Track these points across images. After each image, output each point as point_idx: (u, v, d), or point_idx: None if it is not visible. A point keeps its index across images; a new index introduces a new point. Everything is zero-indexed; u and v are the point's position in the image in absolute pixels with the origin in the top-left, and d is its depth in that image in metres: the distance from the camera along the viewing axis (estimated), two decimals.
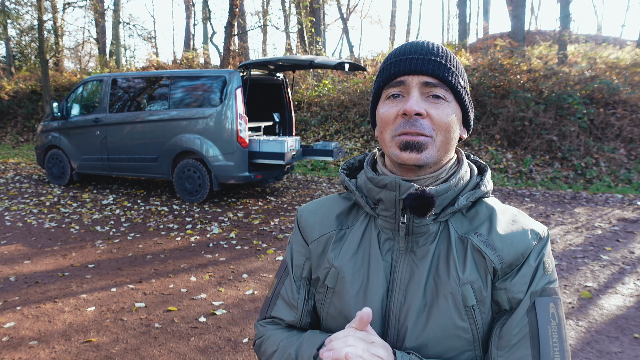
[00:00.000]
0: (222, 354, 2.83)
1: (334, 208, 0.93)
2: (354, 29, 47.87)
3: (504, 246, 0.79)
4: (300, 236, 0.95)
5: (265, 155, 6.53)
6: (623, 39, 18.00)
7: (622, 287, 3.80)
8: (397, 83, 0.80)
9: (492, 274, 0.79)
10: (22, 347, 2.89)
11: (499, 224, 0.81)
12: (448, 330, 0.78)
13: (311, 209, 0.96)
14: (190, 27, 23.92)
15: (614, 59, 10.78)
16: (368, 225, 0.88)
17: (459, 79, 0.81)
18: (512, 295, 0.78)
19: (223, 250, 4.77)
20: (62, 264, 4.38)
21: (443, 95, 0.79)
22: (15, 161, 10.97)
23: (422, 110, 0.77)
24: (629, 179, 7.95)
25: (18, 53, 20.35)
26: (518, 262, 0.79)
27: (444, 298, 0.79)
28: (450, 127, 0.80)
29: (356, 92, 11.49)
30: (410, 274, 0.82)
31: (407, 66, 0.79)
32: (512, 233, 0.80)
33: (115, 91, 7.43)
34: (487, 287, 0.79)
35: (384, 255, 0.84)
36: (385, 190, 0.82)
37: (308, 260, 0.92)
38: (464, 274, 0.79)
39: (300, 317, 0.91)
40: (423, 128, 0.78)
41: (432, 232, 0.82)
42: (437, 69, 0.79)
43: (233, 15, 12.89)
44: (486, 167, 0.90)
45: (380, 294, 0.82)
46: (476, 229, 0.82)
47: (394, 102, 0.81)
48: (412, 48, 0.82)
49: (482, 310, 0.79)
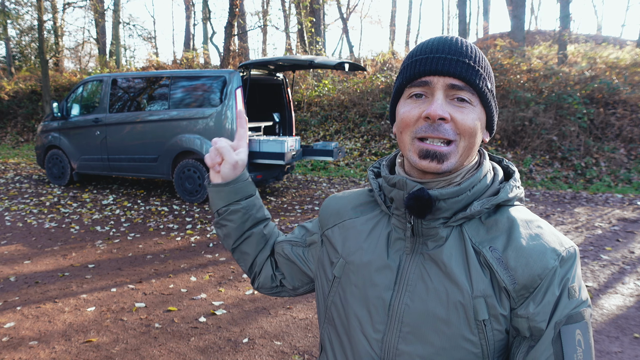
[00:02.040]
0: (222, 354, 2.83)
1: (354, 199, 0.95)
2: (354, 29, 47.91)
3: (518, 266, 0.73)
4: (318, 222, 1.00)
5: (265, 155, 6.53)
6: (623, 39, 18.00)
7: (622, 287, 3.80)
8: (421, 83, 0.76)
9: (507, 294, 0.74)
10: (22, 347, 2.89)
11: (516, 239, 0.75)
12: (455, 341, 0.75)
13: (337, 197, 0.99)
14: (190, 27, 23.93)
15: (614, 58, 10.78)
16: (381, 221, 0.87)
17: (487, 82, 0.77)
18: (534, 325, 0.73)
19: (223, 250, 4.77)
20: (62, 264, 4.38)
21: (469, 99, 0.75)
22: (15, 161, 10.97)
23: (447, 114, 0.73)
24: (629, 179, 7.95)
25: (18, 53, 20.35)
26: (535, 283, 0.73)
27: (454, 307, 0.75)
28: (475, 132, 0.76)
29: (356, 92, 11.49)
30: (419, 276, 0.79)
31: (434, 66, 0.74)
32: (529, 251, 0.74)
33: (115, 91, 7.42)
34: (501, 304, 0.74)
35: (393, 254, 0.83)
36: (395, 189, 0.81)
37: (315, 235, 0.99)
38: (478, 287, 0.74)
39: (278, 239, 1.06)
40: (446, 133, 0.74)
41: (442, 236, 0.79)
42: (464, 71, 0.74)
43: (233, 15, 12.90)
44: (514, 173, 0.84)
45: (384, 291, 0.81)
46: (491, 242, 0.77)
47: (417, 103, 0.77)
48: (439, 45, 0.76)
49: (495, 327, 0.74)
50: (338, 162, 9.63)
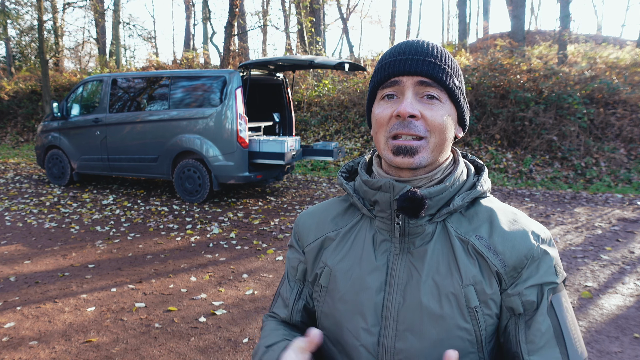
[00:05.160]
0: (222, 354, 2.83)
1: (330, 211, 0.95)
2: (354, 29, 47.90)
3: (506, 249, 0.79)
4: (296, 241, 0.98)
5: (265, 155, 6.53)
6: (623, 39, 18.00)
7: (622, 287, 3.80)
8: (392, 83, 0.80)
9: (497, 278, 0.79)
10: (22, 347, 2.89)
11: (499, 226, 0.81)
12: (451, 331, 0.78)
13: (309, 213, 0.98)
14: (190, 27, 23.93)
15: (614, 58, 10.78)
16: (363, 225, 0.89)
17: (454, 78, 0.81)
18: (526, 299, 0.79)
19: (223, 250, 4.77)
20: (62, 264, 4.38)
21: (437, 96, 0.79)
22: (15, 161, 10.97)
23: (416, 111, 0.77)
24: (629, 179, 7.95)
25: (18, 53, 20.36)
26: (522, 263, 0.79)
27: (446, 298, 0.78)
28: (445, 127, 0.79)
29: (356, 92, 11.49)
30: (409, 274, 0.82)
31: (402, 67, 0.79)
32: (513, 235, 0.80)
33: (115, 91, 7.42)
34: (491, 288, 0.79)
35: (380, 256, 0.84)
36: (380, 191, 0.82)
37: (302, 264, 0.95)
38: (467, 275, 0.79)
39: (291, 315, 0.96)
40: (417, 129, 0.77)
41: (428, 233, 0.82)
42: (431, 69, 0.78)
43: (233, 15, 12.90)
44: (483, 167, 0.90)
45: (375, 294, 0.82)
46: (476, 230, 0.82)
47: (389, 103, 0.81)
48: (406, 48, 0.81)
49: (485, 312, 0.79)
50: (338, 162, 9.63)
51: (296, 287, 0.96)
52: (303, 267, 0.95)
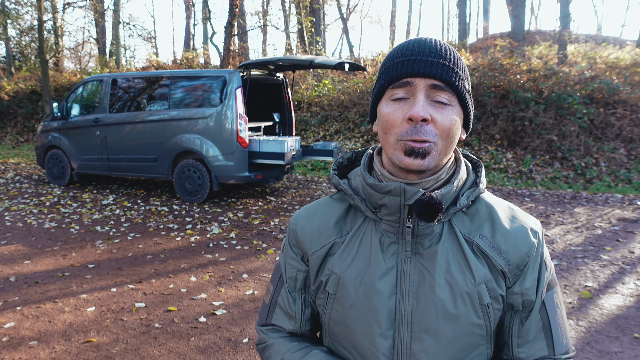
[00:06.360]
0: (222, 354, 2.83)
1: (329, 214, 0.92)
2: (354, 29, 47.91)
3: (509, 249, 0.83)
4: (295, 247, 0.94)
5: (265, 155, 6.53)
6: (623, 39, 18.01)
7: (622, 287, 3.80)
8: (403, 84, 0.78)
9: (502, 276, 0.83)
10: (22, 347, 2.89)
11: (500, 224, 0.84)
12: (466, 328, 0.81)
13: (306, 217, 0.94)
14: (190, 27, 23.93)
15: (614, 58, 10.77)
16: (367, 228, 0.87)
17: (465, 82, 0.81)
18: (527, 298, 0.84)
19: (223, 250, 4.77)
20: (62, 264, 4.38)
21: (448, 100, 0.78)
22: (15, 161, 10.97)
23: (428, 115, 0.76)
24: (629, 179, 7.95)
25: (18, 53, 20.35)
26: (524, 262, 0.83)
27: (460, 298, 0.80)
28: (453, 131, 0.79)
29: (356, 92, 11.49)
30: (420, 276, 0.81)
31: (415, 68, 0.77)
32: (514, 234, 0.84)
33: (115, 91, 7.42)
34: (499, 285, 0.83)
35: (388, 258, 0.83)
36: (390, 195, 0.81)
37: (301, 273, 0.93)
38: (479, 274, 0.81)
39: (300, 325, 0.95)
40: (428, 134, 0.76)
41: (436, 233, 0.82)
42: (445, 72, 0.77)
43: (233, 15, 12.90)
44: (479, 162, 0.91)
45: (387, 298, 0.82)
46: (479, 230, 0.84)
47: (399, 104, 0.79)
48: (419, 48, 0.79)
49: (495, 307, 0.83)
50: None
51: (299, 297, 0.94)
52: (303, 275, 0.93)
